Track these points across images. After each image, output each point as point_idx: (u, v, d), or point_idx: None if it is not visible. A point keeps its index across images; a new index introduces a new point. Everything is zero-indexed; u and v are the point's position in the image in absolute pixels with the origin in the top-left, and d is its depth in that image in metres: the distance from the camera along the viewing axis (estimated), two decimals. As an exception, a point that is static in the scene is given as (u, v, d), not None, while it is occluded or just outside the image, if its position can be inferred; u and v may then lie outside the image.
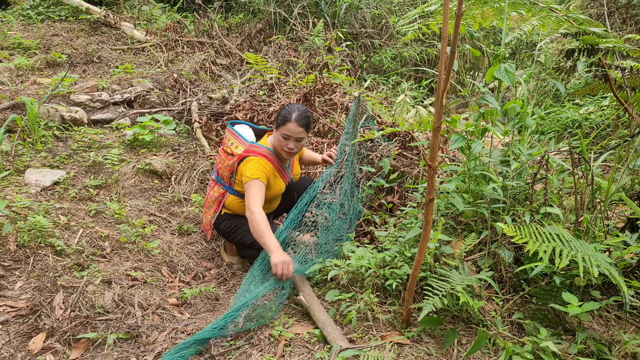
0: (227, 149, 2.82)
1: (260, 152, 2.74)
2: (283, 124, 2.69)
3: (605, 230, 2.13)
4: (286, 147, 2.70)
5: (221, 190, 2.88)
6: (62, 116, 4.14)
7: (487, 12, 2.92)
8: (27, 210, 2.76)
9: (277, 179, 2.83)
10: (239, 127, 2.90)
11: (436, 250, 2.20)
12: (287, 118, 2.68)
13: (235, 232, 2.88)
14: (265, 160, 2.73)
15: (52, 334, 2.03)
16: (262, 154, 2.74)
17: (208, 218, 2.97)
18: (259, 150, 2.75)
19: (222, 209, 2.90)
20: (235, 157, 2.74)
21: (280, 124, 2.70)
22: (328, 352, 1.98)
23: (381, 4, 7.34)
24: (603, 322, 2.06)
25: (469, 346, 1.95)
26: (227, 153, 2.81)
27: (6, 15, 6.77)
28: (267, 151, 2.76)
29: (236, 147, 2.78)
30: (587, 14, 6.47)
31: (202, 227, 3.15)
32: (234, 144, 2.81)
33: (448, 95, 4.94)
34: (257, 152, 2.73)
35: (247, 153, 2.73)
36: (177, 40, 6.38)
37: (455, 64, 2.03)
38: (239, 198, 2.84)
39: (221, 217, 2.90)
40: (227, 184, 2.86)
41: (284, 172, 2.88)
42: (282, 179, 2.87)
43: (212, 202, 2.93)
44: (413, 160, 3.26)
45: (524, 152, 2.33)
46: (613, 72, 2.95)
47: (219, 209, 2.90)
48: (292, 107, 2.74)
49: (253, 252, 2.79)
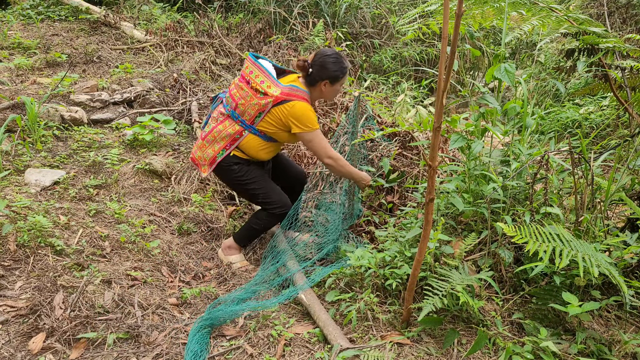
0: (255, 86, 2.60)
1: (303, 97, 2.63)
2: (343, 77, 2.66)
3: (605, 230, 2.13)
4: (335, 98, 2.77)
5: (237, 127, 2.68)
6: (62, 116, 4.14)
7: (487, 11, 2.92)
8: (27, 210, 2.76)
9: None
10: (264, 63, 2.68)
11: (436, 250, 2.20)
12: (345, 71, 2.64)
13: (249, 184, 2.78)
14: (307, 104, 2.64)
15: (52, 334, 2.03)
16: (305, 99, 2.64)
17: (210, 153, 2.76)
18: (302, 94, 2.63)
19: (233, 149, 2.73)
20: (270, 97, 2.57)
21: (339, 76, 2.65)
22: (328, 352, 1.98)
23: (381, 3, 7.34)
24: (603, 322, 2.06)
25: (469, 346, 1.95)
26: (256, 90, 2.60)
27: (6, 15, 6.77)
28: (304, 94, 2.65)
29: (268, 87, 2.59)
30: (587, 13, 6.47)
31: (192, 159, 2.90)
32: (264, 82, 2.60)
33: (448, 95, 4.93)
34: (301, 97, 2.62)
35: (290, 97, 2.58)
36: (177, 40, 6.37)
37: (455, 63, 2.03)
38: (259, 139, 2.70)
39: (230, 159, 2.74)
40: (248, 123, 2.66)
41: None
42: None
43: (221, 138, 2.72)
44: (413, 160, 3.26)
45: (524, 152, 2.33)
46: (613, 72, 2.95)
47: (230, 149, 2.72)
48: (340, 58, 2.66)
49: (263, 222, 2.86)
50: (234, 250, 2.97)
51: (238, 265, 2.93)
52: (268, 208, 2.84)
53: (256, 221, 2.91)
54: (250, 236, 2.97)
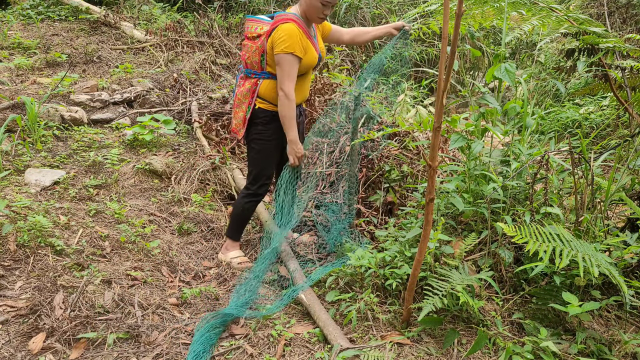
0: (251, 35, 2.65)
1: (289, 19, 2.54)
2: None
3: (605, 230, 2.13)
4: (322, 14, 2.54)
5: (253, 80, 2.68)
6: (62, 116, 4.14)
7: (487, 11, 2.92)
8: (27, 210, 2.76)
9: (308, 45, 2.61)
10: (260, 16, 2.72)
11: (436, 250, 2.20)
12: None
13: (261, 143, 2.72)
14: (295, 25, 2.51)
15: (52, 334, 2.03)
16: (290, 18, 2.54)
17: (240, 115, 2.76)
18: (287, 17, 2.55)
19: (255, 101, 2.68)
20: (263, 35, 2.57)
21: None
22: (328, 352, 1.98)
23: (381, 3, 7.34)
24: (603, 322, 2.06)
25: (469, 346, 1.95)
26: (252, 38, 2.64)
27: (6, 15, 6.77)
28: (294, 16, 2.56)
29: (261, 29, 2.61)
30: (587, 13, 6.47)
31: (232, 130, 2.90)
32: (257, 27, 2.63)
33: (448, 95, 4.93)
34: (286, 19, 2.53)
35: (276, 24, 2.54)
36: (177, 40, 6.37)
37: (456, 63, 2.03)
38: (272, 80, 2.66)
39: (256, 113, 2.70)
40: (259, 70, 2.67)
41: (312, 38, 2.67)
42: (313, 47, 2.65)
43: (244, 97, 2.71)
44: (413, 160, 3.26)
45: (524, 152, 2.33)
46: (613, 72, 2.95)
47: (253, 102, 2.68)
48: None
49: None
50: (231, 247, 2.96)
51: (237, 261, 2.91)
52: (248, 185, 2.84)
53: (235, 205, 2.89)
54: (236, 224, 2.94)
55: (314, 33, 2.73)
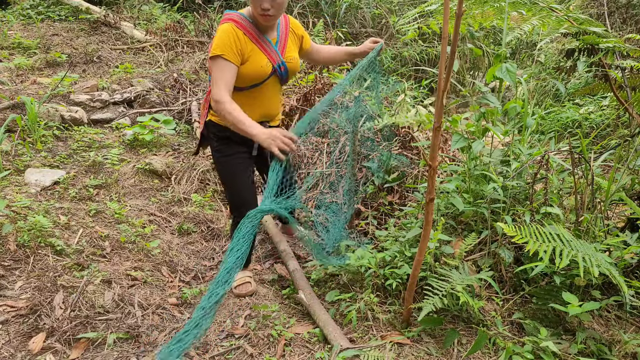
0: None
1: (228, 17, 2.20)
2: None
3: (606, 230, 2.13)
4: (260, 8, 2.10)
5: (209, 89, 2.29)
6: (62, 116, 4.14)
7: (487, 11, 2.92)
8: (27, 210, 2.75)
9: (254, 50, 2.20)
10: None
11: (436, 250, 2.20)
12: None
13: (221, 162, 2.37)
14: (232, 25, 2.15)
15: (52, 334, 2.03)
16: (230, 18, 2.19)
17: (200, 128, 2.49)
18: (228, 15, 2.21)
19: (208, 113, 2.38)
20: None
21: None
22: (328, 352, 1.98)
23: (381, 3, 7.34)
24: (603, 322, 2.06)
25: (469, 346, 1.95)
26: None
27: (6, 15, 6.77)
28: (237, 16, 2.21)
29: None
30: (587, 13, 6.47)
31: None
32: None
33: (448, 95, 4.93)
34: (225, 18, 2.20)
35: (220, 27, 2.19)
36: (177, 40, 6.37)
37: (456, 63, 2.03)
38: None
39: (208, 125, 2.39)
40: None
41: (265, 44, 2.24)
42: (264, 54, 2.24)
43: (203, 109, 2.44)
44: (413, 160, 3.26)
45: (524, 151, 2.33)
46: (613, 72, 2.95)
47: (206, 114, 2.39)
48: None
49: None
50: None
51: (235, 284, 2.59)
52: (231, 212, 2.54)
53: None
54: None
55: (279, 39, 2.32)
